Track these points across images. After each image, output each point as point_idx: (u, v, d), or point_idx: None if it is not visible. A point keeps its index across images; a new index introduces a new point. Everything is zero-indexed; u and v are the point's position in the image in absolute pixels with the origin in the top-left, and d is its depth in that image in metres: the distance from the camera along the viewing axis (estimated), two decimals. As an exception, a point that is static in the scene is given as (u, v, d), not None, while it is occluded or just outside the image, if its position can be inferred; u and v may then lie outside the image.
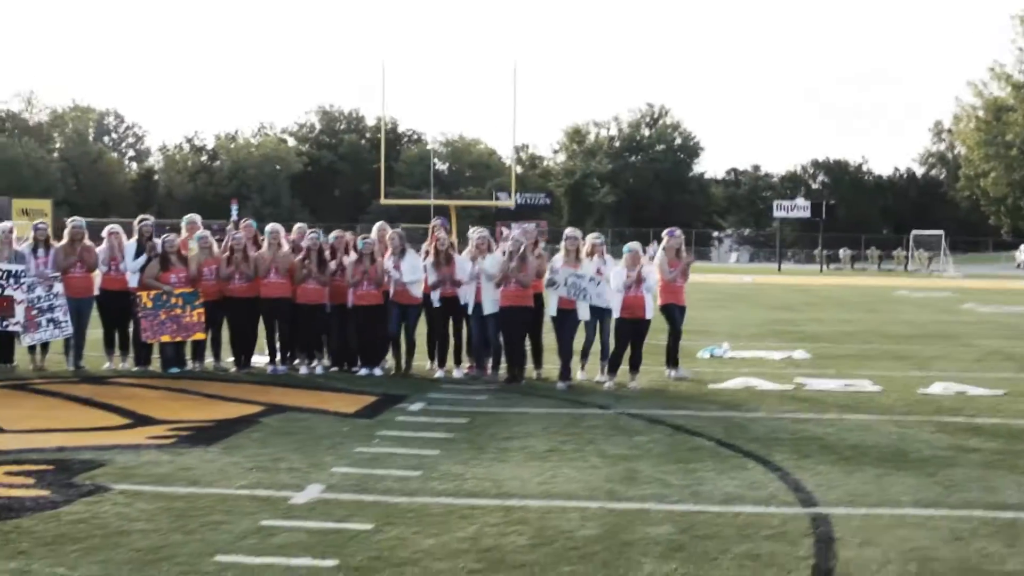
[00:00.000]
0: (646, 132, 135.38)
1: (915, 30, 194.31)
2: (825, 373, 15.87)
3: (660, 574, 6.54)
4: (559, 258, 14.54)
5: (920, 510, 8.14)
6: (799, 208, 77.56)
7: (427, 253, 15.05)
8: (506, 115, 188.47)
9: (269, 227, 15.16)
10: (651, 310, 14.34)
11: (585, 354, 14.97)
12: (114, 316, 15.09)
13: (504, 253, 14.32)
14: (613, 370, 14.26)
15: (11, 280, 14.31)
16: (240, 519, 7.55)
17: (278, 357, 15.15)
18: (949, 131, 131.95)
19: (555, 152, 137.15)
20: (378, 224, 15.77)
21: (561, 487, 8.71)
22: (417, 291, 14.60)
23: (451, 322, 15.15)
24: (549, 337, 14.67)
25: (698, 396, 13.62)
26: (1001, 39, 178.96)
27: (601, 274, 14.43)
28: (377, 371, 14.83)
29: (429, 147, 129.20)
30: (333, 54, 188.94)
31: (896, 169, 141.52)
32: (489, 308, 14.58)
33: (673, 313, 15.03)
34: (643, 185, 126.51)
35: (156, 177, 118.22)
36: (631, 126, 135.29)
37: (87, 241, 15.01)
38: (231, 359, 15.33)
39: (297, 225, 15.78)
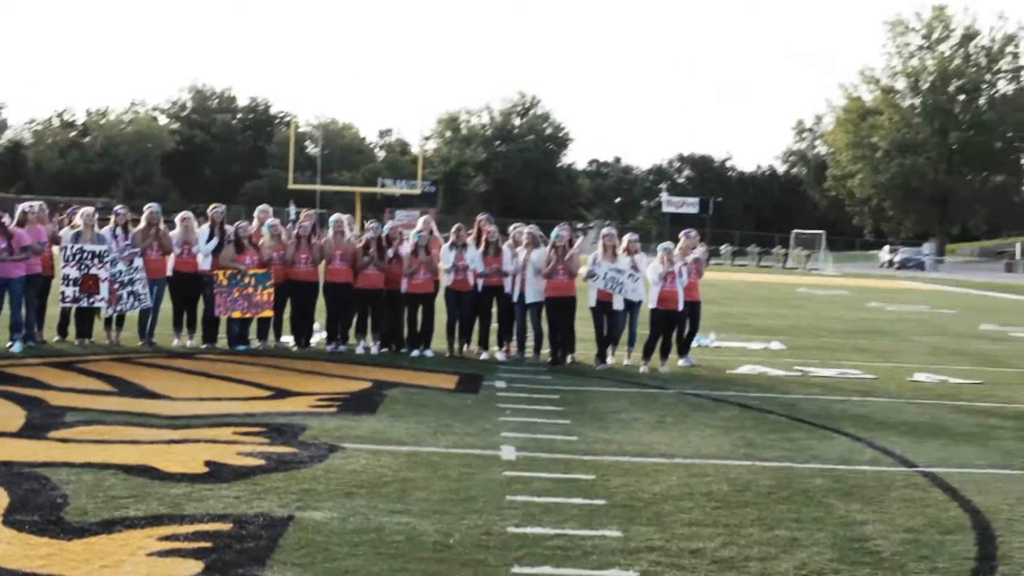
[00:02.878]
0: (517, 122, 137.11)
1: (782, 32, 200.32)
2: (811, 363, 17.82)
3: (852, 511, 8.26)
4: (598, 254, 16.21)
5: (998, 471, 10.05)
6: (688, 204, 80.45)
7: (462, 245, 16.47)
8: (377, 101, 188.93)
9: (333, 217, 16.59)
10: (682, 303, 16.12)
11: (616, 341, 16.65)
12: (184, 297, 16.34)
13: (552, 248, 15.97)
14: (648, 355, 16.01)
15: (95, 260, 15.47)
16: (482, 469, 9.10)
17: (340, 337, 16.51)
18: (810, 131, 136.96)
19: (426, 139, 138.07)
20: (424, 217, 17.27)
21: (704, 449, 10.42)
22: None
23: (495, 309, 16.68)
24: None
25: (729, 380, 15.43)
26: (872, 43, 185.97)
27: (637, 270, 16.14)
28: (428, 352, 16.34)
29: (302, 129, 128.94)
30: (205, 30, 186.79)
31: (759, 166, 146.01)
32: (532, 297, 16.22)
33: (685, 309, 16.69)
34: (513, 175, 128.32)
35: (24, 151, 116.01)
36: (503, 115, 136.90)
37: (162, 225, 16.18)
38: (287, 338, 16.67)
39: (337, 215, 17.08)
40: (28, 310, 15.13)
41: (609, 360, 16.43)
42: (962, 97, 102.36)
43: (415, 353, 16.33)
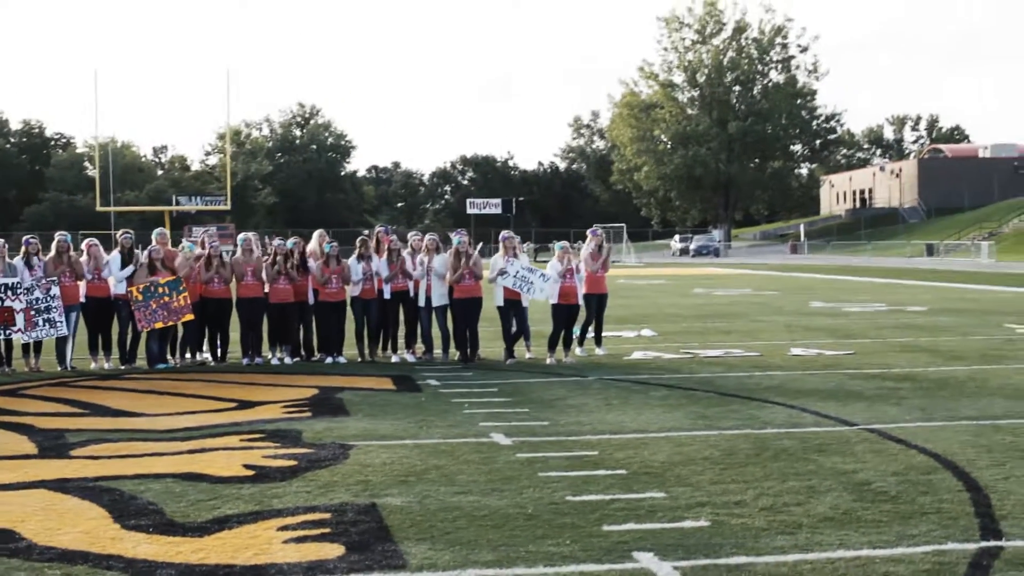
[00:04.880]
0: (298, 133, 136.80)
1: (553, 31, 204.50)
2: (692, 346, 19.18)
3: (836, 463, 9.42)
4: (500, 255, 17.18)
5: (925, 423, 11.44)
6: (491, 205, 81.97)
7: (361, 256, 17.25)
8: (150, 117, 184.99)
9: (241, 236, 17.15)
10: (582, 296, 17.26)
11: (528, 336, 17.60)
12: (98, 321, 16.68)
13: (451, 255, 16.88)
14: (552, 348, 17.08)
15: (8, 292, 15.70)
16: (493, 454, 9.98)
17: (253, 350, 17.09)
18: (588, 126, 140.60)
19: (207, 154, 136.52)
20: (318, 231, 17.99)
21: (667, 424, 11.45)
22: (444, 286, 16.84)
23: (401, 313, 17.50)
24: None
25: (633, 365, 16.57)
26: (649, 39, 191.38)
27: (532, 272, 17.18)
28: (341, 358, 17.07)
29: (80, 150, 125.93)
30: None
31: (540, 163, 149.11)
32: (438, 301, 17.12)
33: (592, 301, 17.88)
34: (298, 185, 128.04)
35: None
36: (283, 127, 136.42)
37: (72, 253, 16.48)
38: (203, 355, 17.17)
39: (245, 234, 17.66)
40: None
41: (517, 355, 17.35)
42: (737, 88, 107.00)
43: (329, 360, 16.98)
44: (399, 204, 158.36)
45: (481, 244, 18.05)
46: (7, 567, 6.65)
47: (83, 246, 16.68)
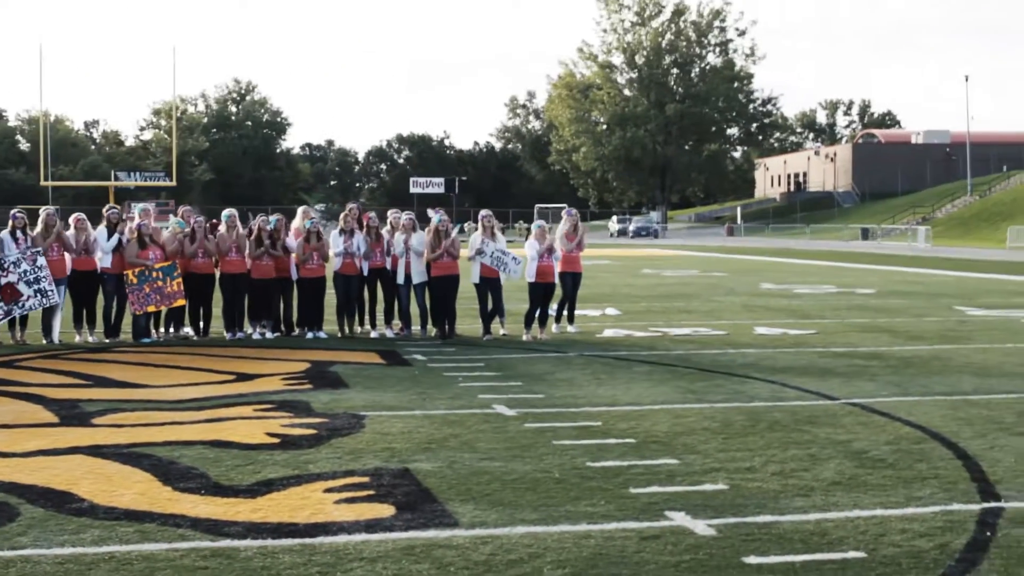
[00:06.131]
0: (234, 109, 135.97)
1: (492, 9, 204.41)
2: (658, 324, 19.75)
3: (829, 433, 9.96)
4: (478, 234, 17.63)
5: (902, 398, 12.05)
6: (434, 184, 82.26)
7: (350, 231, 17.66)
8: (82, 91, 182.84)
9: (225, 212, 17.44)
10: (558, 275, 17.77)
11: (503, 313, 18.05)
12: (84, 294, 16.93)
13: (429, 232, 17.31)
14: (528, 324, 17.57)
15: (1, 270, 15.90)
16: (502, 424, 10.44)
17: (241, 325, 17.43)
18: (524, 107, 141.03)
19: (142, 129, 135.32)
20: (302, 208, 18.33)
21: (659, 398, 11.95)
22: (421, 262, 17.26)
23: (380, 289, 17.91)
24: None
25: (609, 343, 17.10)
26: (587, 20, 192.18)
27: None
28: (322, 334, 17.46)
29: (12, 124, 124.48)
30: None
31: (476, 143, 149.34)
32: (417, 278, 17.55)
33: (567, 279, 18.38)
34: (233, 162, 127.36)
35: None
36: (219, 103, 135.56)
37: (59, 227, 16.71)
38: (185, 329, 17.49)
39: (229, 210, 17.95)
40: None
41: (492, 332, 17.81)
42: (676, 71, 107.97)
43: (310, 335, 17.35)
44: (333, 182, 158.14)
45: (469, 224, 18.42)
46: (79, 525, 7.01)
47: (71, 220, 16.89)
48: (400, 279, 17.55)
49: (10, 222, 16.43)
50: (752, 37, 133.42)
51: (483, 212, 17.99)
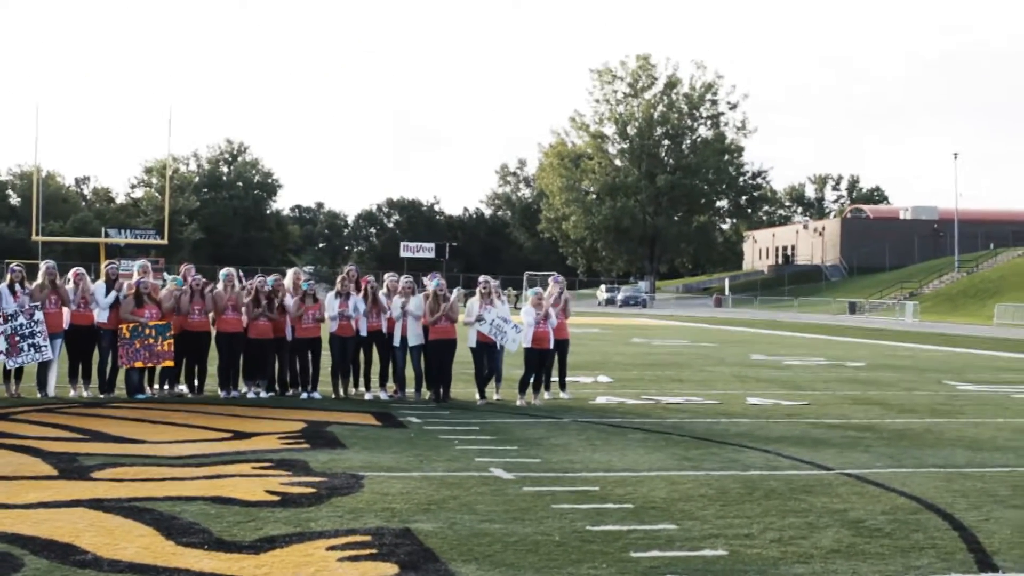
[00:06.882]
0: (225, 169, 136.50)
1: (485, 77, 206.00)
2: (651, 392, 19.83)
3: (825, 503, 10.06)
4: (476, 300, 17.74)
5: (896, 469, 12.14)
6: (424, 249, 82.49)
7: (346, 294, 17.80)
8: (73, 147, 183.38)
9: (224, 271, 17.55)
10: (553, 341, 17.87)
11: (499, 378, 18.15)
12: (80, 349, 16.98)
13: (428, 297, 17.44)
14: (523, 390, 17.65)
15: None
16: (500, 487, 10.47)
17: (235, 384, 17.48)
18: (514, 174, 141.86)
19: (133, 187, 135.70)
20: (292, 270, 18.46)
21: (655, 464, 12.02)
22: (418, 324, 17.36)
23: (376, 352, 17.99)
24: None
25: (602, 409, 17.16)
26: (579, 90, 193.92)
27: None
28: (316, 394, 17.52)
29: (3, 179, 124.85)
30: None
31: (466, 209, 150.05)
32: (413, 341, 17.64)
33: (556, 346, 18.42)
34: (223, 222, 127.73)
35: None
36: (211, 162, 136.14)
37: (59, 280, 16.81)
38: (181, 387, 17.53)
39: (228, 269, 18.08)
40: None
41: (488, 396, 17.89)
42: (667, 142, 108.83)
43: (304, 395, 17.41)
44: (322, 244, 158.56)
45: (457, 289, 18.56)
46: (85, 578, 7.03)
47: (70, 275, 16.99)
48: (396, 341, 17.58)
49: (8, 275, 16.52)
50: (744, 110, 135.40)
51: (482, 278, 18.13)
